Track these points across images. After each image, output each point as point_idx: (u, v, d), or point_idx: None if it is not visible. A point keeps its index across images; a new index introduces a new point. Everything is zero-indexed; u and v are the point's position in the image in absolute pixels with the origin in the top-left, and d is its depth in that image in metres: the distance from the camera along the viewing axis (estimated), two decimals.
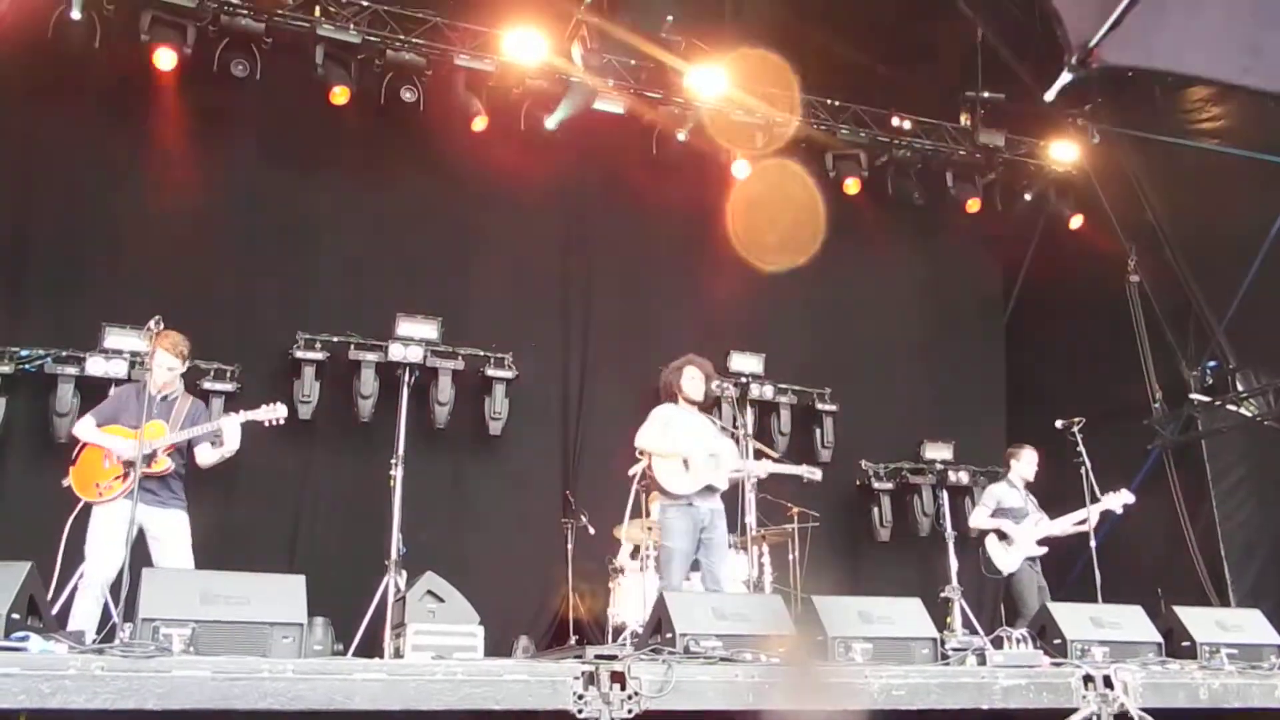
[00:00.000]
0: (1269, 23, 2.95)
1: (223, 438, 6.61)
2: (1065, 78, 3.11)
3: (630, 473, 7.67)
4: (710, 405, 7.27)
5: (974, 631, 8.70)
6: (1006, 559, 8.27)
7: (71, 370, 8.45)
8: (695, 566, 7.05)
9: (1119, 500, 8.24)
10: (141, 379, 6.46)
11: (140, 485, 6.08)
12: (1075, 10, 2.97)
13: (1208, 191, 10.54)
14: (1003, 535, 8.32)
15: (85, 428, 6.51)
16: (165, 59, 8.80)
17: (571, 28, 9.85)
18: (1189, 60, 3.16)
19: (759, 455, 7.71)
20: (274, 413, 6.81)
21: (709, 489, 6.85)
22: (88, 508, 6.40)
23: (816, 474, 7.95)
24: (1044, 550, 8.27)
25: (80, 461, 6.46)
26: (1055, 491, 8.36)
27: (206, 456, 6.67)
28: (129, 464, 6.22)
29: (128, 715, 3.84)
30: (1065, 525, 8.33)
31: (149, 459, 6.31)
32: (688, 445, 6.84)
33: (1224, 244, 10.53)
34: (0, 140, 8.85)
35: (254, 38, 9.01)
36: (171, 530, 6.46)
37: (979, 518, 8.51)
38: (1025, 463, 8.56)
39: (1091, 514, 8.12)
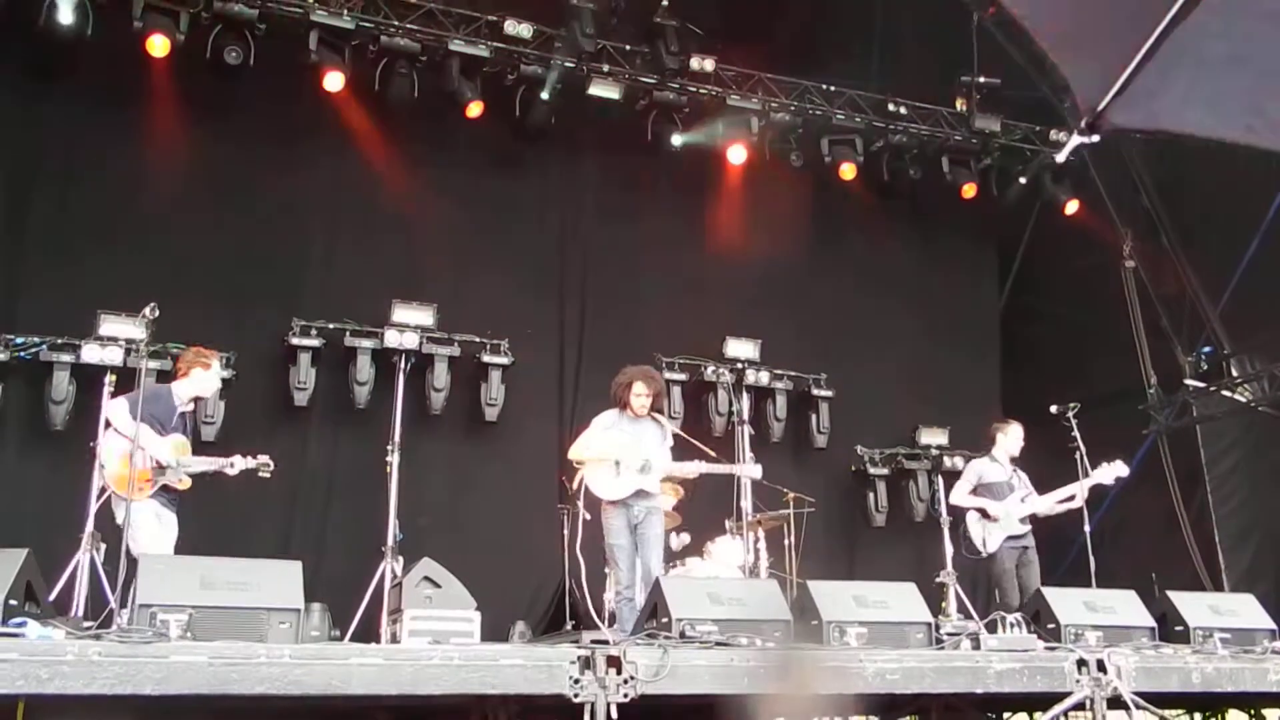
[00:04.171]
0: (1271, 83, 2.98)
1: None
2: (1075, 141, 3.17)
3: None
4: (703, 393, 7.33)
5: (968, 616, 8.72)
6: (987, 539, 8.11)
7: (67, 358, 8.42)
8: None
9: (1111, 472, 7.93)
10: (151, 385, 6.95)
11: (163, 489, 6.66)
12: (1082, 77, 2.99)
13: (1204, 177, 10.55)
14: (984, 513, 8.11)
15: (146, 433, 6.56)
16: (158, 46, 8.76)
17: (566, 12, 9.82)
18: (1192, 121, 3.19)
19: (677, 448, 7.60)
20: (266, 465, 7.17)
21: (640, 493, 7.02)
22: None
23: (755, 472, 7.67)
24: (1027, 529, 8.07)
25: (123, 456, 6.50)
26: (1050, 476, 8.36)
27: None
28: (158, 470, 6.61)
29: (125, 700, 3.86)
30: (1050, 503, 8.08)
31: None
32: (617, 450, 7.02)
33: (1219, 229, 10.55)
34: None
35: (247, 24, 8.96)
36: (172, 532, 6.72)
37: (959, 494, 8.29)
38: (1012, 438, 8.33)
39: (1081, 489, 7.93)
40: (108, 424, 6.61)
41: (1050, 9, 2.91)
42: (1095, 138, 3.03)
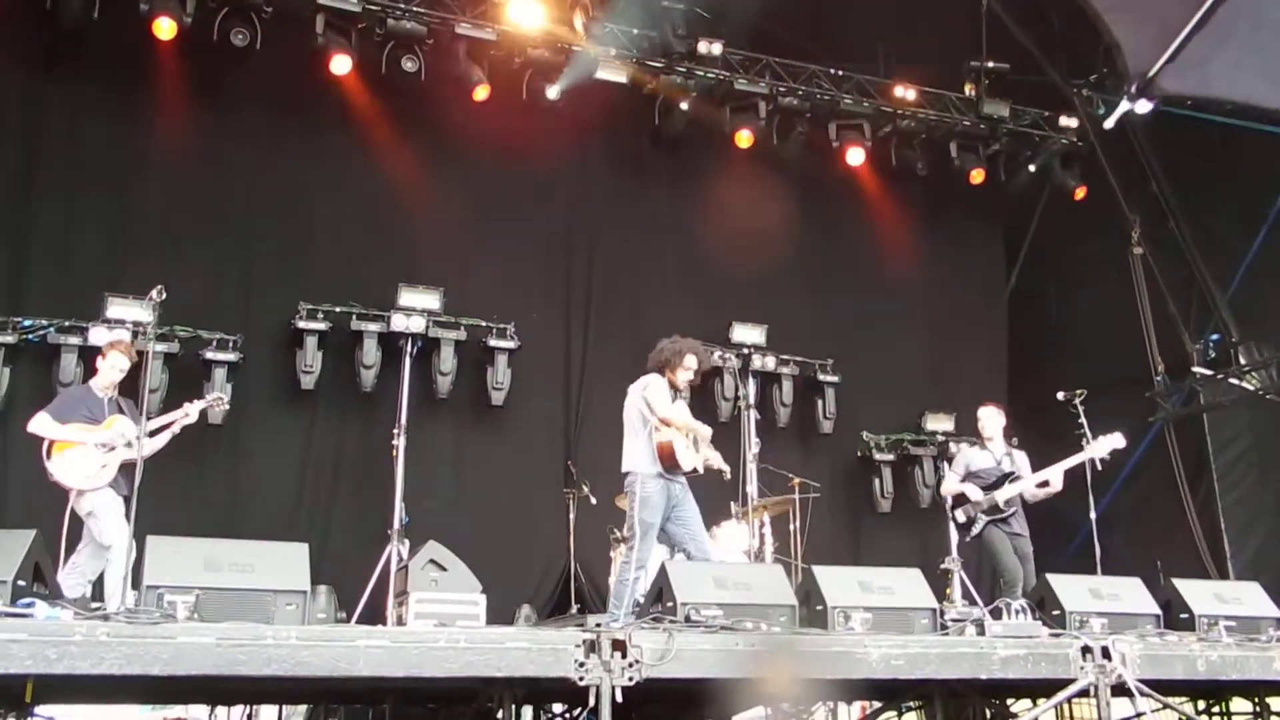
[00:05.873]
0: None
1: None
2: (1124, 106, 3.13)
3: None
4: (710, 377, 7.15)
5: (973, 602, 8.73)
6: (973, 522, 8.03)
7: (74, 340, 8.45)
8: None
9: (1109, 444, 7.82)
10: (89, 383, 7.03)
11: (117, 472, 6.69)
12: (1135, 40, 2.98)
13: (1213, 163, 10.50)
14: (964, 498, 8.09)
15: (81, 430, 6.76)
16: (164, 28, 8.74)
17: None
18: (1244, 89, 3.18)
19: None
20: (218, 398, 7.63)
21: (693, 470, 6.78)
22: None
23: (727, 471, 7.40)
24: (1011, 511, 7.93)
25: (65, 455, 6.71)
26: (1056, 463, 8.35)
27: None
28: (110, 449, 6.71)
29: (133, 680, 3.88)
30: (1030, 485, 7.96)
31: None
32: (694, 423, 6.79)
33: (1228, 216, 10.50)
34: (1, 110, 8.83)
35: (254, 6, 8.92)
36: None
37: (948, 483, 8.31)
38: (984, 422, 8.28)
39: (1057, 474, 7.88)
40: (38, 440, 6.78)
41: None
42: (1146, 105, 3.00)
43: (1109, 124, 10.54)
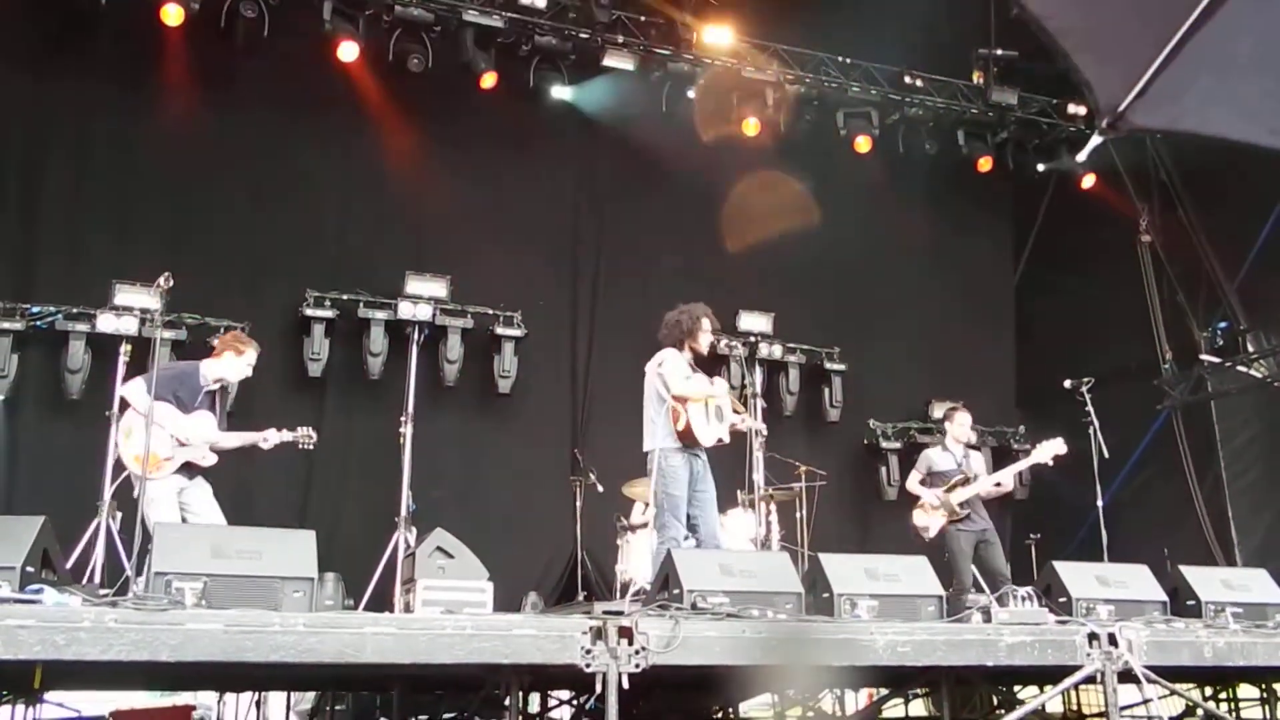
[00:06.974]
0: None
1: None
2: (1095, 141, 3.11)
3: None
4: (717, 366, 7.16)
5: (979, 590, 8.73)
6: (928, 522, 8.30)
7: (83, 327, 8.47)
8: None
9: (1050, 450, 8.07)
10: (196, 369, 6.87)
11: (185, 466, 6.61)
12: (1104, 76, 2.95)
13: (1221, 151, 10.42)
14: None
15: (167, 411, 6.53)
16: (172, 15, 8.74)
17: None
18: (1216, 122, 3.13)
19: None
20: (308, 437, 7.20)
21: (716, 441, 6.78)
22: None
23: (762, 427, 7.59)
24: (966, 513, 8.13)
25: (135, 433, 6.41)
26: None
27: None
28: (180, 448, 6.59)
29: (142, 666, 3.90)
30: (988, 485, 8.23)
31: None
32: (709, 390, 6.75)
33: (1237, 204, 10.45)
34: (9, 98, 8.84)
35: None
36: (201, 498, 6.72)
37: (911, 483, 8.55)
38: (956, 425, 8.50)
39: (1008, 476, 8.23)
40: (125, 404, 6.55)
41: (1073, 9, 2.87)
42: (1113, 135, 2.98)
43: (1081, 157, 10.63)
